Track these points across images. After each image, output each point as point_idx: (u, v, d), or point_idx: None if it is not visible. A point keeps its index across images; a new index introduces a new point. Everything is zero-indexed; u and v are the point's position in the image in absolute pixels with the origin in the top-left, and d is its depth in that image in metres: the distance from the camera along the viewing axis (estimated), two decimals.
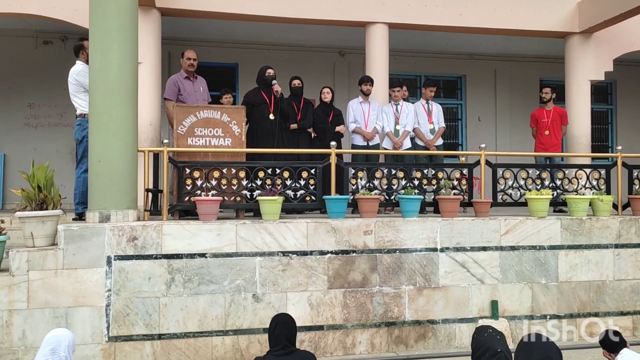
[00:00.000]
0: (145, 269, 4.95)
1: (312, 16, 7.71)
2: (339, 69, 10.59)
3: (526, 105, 10.63)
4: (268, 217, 5.38)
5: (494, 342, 3.05)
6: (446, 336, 5.55)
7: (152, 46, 7.13)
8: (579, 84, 8.53)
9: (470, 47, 10.52)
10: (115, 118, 5.13)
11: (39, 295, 4.70)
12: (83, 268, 4.81)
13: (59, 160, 8.81)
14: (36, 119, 9.32)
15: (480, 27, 8.20)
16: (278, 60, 9.43)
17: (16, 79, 9.27)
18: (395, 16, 7.89)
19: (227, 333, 5.09)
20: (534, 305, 5.75)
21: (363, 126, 7.23)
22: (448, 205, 5.85)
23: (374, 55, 7.96)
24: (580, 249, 5.91)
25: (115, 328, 4.85)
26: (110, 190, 5.10)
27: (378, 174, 6.05)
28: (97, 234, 4.88)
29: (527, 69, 11.34)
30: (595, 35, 8.51)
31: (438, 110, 7.66)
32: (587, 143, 8.50)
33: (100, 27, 5.17)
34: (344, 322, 5.34)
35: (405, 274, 5.49)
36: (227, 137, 5.79)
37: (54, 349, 2.96)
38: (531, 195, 6.03)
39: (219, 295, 5.08)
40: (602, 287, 5.93)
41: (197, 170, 5.51)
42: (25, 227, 4.87)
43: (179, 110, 5.75)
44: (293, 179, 5.73)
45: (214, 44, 9.80)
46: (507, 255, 5.73)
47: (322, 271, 5.31)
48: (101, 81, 5.15)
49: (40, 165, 5.11)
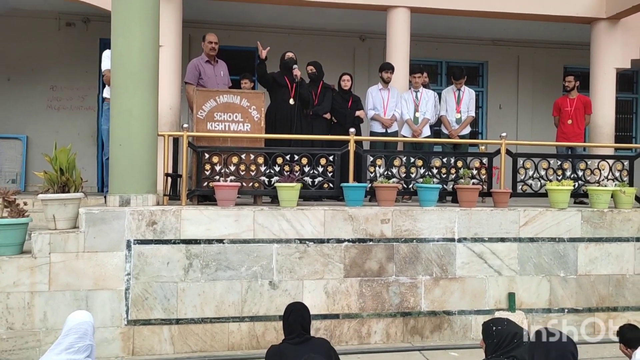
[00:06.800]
0: (163, 254, 5.00)
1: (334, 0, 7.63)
2: (359, 53, 10.46)
3: (549, 93, 10.43)
4: (286, 203, 5.38)
5: (518, 327, 3.09)
6: (462, 327, 5.54)
7: (173, 29, 7.14)
8: (605, 72, 8.35)
9: (493, 32, 10.32)
10: (137, 102, 5.15)
11: (60, 278, 4.78)
12: (103, 251, 4.87)
13: (81, 143, 8.89)
14: (58, 101, 9.37)
15: (505, 12, 8.04)
16: (298, 44, 9.35)
17: (39, 61, 9.29)
18: (418, 0, 7.77)
19: (244, 319, 5.13)
20: (552, 298, 5.71)
21: (382, 113, 7.17)
22: (467, 195, 5.80)
23: (394, 40, 7.87)
24: (600, 241, 5.83)
25: (134, 312, 4.92)
26: (131, 174, 5.14)
27: (396, 162, 6.02)
28: (118, 218, 4.93)
29: (551, 55, 11.09)
30: (623, 22, 8.31)
31: (470, 98, 7.46)
32: (611, 133, 8.35)
33: (122, 10, 5.16)
34: (360, 311, 5.35)
35: (422, 263, 5.47)
36: (246, 122, 5.80)
37: (82, 336, 2.95)
38: (552, 186, 5.95)
39: (236, 282, 5.12)
40: (621, 281, 5.86)
41: (216, 155, 5.53)
42: (48, 210, 4.94)
43: (198, 95, 5.76)
44: (311, 165, 5.72)
45: (234, 27, 9.74)
46: (526, 246, 5.67)
47: (339, 259, 5.31)
48: (122, 65, 5.16)
49: (63, 148, 5.17)
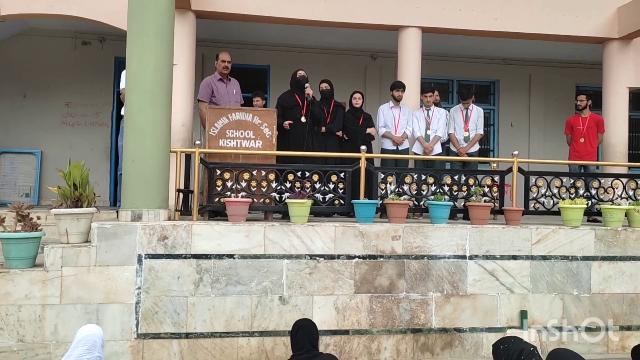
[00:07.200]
0: (174, 268, 5.02)
1: (346, 19, 7.71)
2: (371, 72, 10.55)
3: (561, 112, 10.42)
4: (296, 220, 5.40)
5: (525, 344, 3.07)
6: (473, 345, 5.48)
7: (186, 48, 7.24)
8: (617, 91, 8.33)
9: (504, 51, 10.37)
10: (150, 120, 5.21)
11: (71, 291, 4.81)
12: (115, 265, 4.91)
13: (94, 158, 9.05)
14: (73, 117, 9.54)
15: (516, 32, 8.07)
16: (310, 62, 9.47)
17: (54, 78, 9.50)
18: (429, 20, 7.84)
19: (253, 334, 5.12)
20: (565, 316, 5.64)
21: (393, 131, 7.21)
22: (478, 213, 5.77)
23: (406, 59, 7.91)
24: (614, 260, 5.77)
25: (144, 325, 4.93)
26: (143, 190, 5.19)
27: (407, 179, 6.02)
28: (129, 233, 4.97)
29: (562, 74, 11.11)
30: (635, 42, 8.30)
31: (478, 116, 7.48)
32: (624, 151, 8.29)
33: (138, 30, 5.25)
34: (370, 327, 5.32)
35: (433, 280, 5.44)
36: (257, 140, 5.85)
37: (90, 348, 3.00)
38: (565, 205, 5.91)
39: (246, 297, 5.12)
40: (636, 300, 5.77)
41: (227, 171, 5.57)
42: (60, 224, 4.99)
43: (211, 112, 5.83)
44: (322, 182, 5.74)
45: (247, 46, 9.88)
46: (538, 264, 5.63)
47: (349, 275, 5.30)
48: (137, 83, 5.23)
49: (77, 163, 5.24)
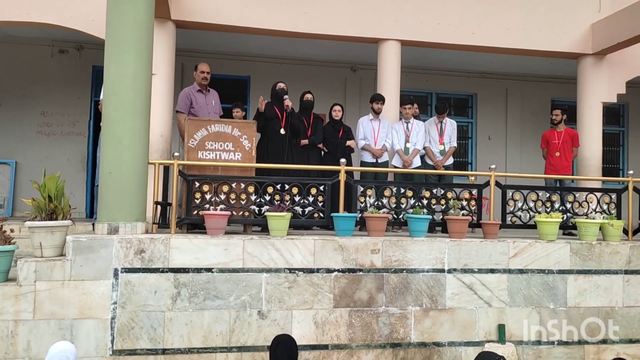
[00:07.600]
0: (151, 283, 4.94)
1: (326, 32, 7.76)
2: (351, 84, 10.61)
3: (537, 125, 10.60)
4: (276, 233, 5.37)
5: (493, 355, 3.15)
6: (452, 359, 5.49)
7: (166, 58, 7.20)
8: (591, 106, 8.51)
9: (482, 65, 10.52)
10: (128, 130, 5.13)
11: (45, 306, 4.70)
12: (90, 280, 4.81)
13: (70, 168, 8.91)
14: (49, 127, 9.38)
15: (493, 46, 8.20)
16: (290, 74, 9.46)
17: (30, 87, 9.34)
18: (408, 33, 7.92)
19: (231, 350, 5.06)
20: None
21: (372, 143, 7.23)
22: (456, 226, 5.81)
23: (385, 72, 7.98)
24: (589, 274, 5.84)
25: (120, 341, 4.83)
26: (120, 202, 5.10)
27: (387, 193, 6.03)
28: (105, 246, 4.88)
29: (538, 88, 11.32)
30: (608, 57, 8.50)
31: (452, 129, 7.63)
32: (598, 165, 8.46)
33: (116, 39, 5.17)
34: (349, 341, 5.29)
35: (412, 294, 5.45)
36: (237, 152, 5.81)
37: None
38: (541, 218, 5.98)
39: (224, 311, 5.06)
40: (610, 314, 5.86)
41: (206, 184, 5.52)
42: (35, 237, 4.88)
43: (190, 124, 5.78)
44: (302, 195, 5.72)
45: (227, 56, 9.86)
46: (515, 278, 5.67)
47: (328, 289, 5.28)
48: (115, 93, 5.15)
49: (52, 175, 5.12)
